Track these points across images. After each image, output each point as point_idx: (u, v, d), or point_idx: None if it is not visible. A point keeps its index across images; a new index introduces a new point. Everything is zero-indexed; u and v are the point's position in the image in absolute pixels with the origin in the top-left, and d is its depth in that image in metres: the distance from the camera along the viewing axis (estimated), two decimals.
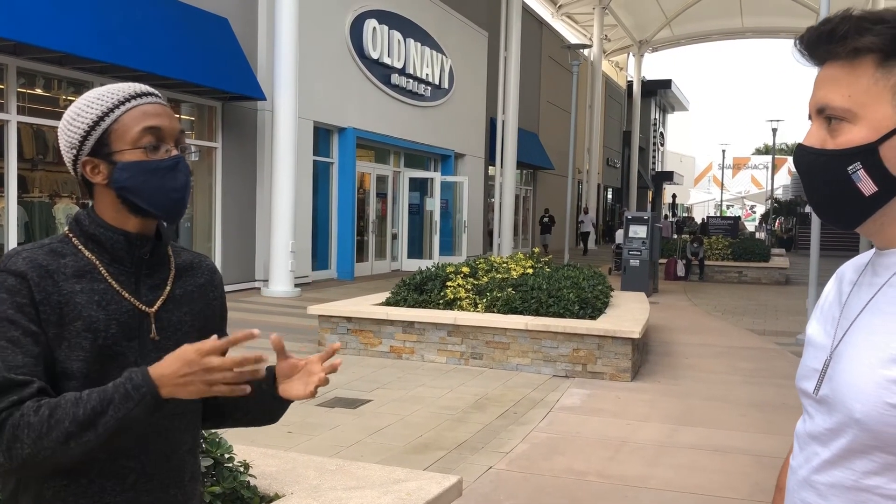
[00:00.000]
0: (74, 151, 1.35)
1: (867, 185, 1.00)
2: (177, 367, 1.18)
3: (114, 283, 1.34)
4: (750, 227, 47.93)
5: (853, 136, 1.00)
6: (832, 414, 1.03)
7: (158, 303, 1.38)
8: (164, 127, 1.35)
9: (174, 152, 1.36)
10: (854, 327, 1.04)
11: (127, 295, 1.34)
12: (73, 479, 1.30)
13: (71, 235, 1.36)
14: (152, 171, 1.33)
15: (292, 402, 1.42)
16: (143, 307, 1.36)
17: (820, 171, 1.03)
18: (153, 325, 1.36)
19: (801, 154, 1.05)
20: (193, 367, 1.17)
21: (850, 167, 1.00)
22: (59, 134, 1.38)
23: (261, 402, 1.43)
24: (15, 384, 1.20)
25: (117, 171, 1.32)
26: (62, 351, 1.28)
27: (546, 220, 27.13)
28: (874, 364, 0.97)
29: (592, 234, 30.11)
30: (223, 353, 1.20)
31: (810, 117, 1.06)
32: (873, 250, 1.09)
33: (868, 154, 0.99)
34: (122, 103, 1.34)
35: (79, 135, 1.34)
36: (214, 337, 1.21)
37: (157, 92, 1.40)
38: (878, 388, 0.96)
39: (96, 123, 1.33)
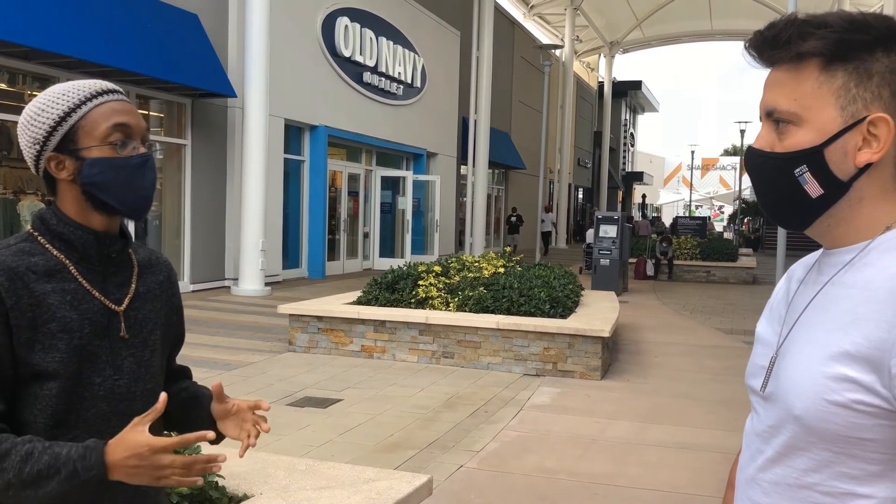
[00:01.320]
0: (38, 147, 1.33)
1: (813, 188, 1.01)
2: (126, 457, 1.19)
3: (84, 282, 1.33)
4: (718, 227, 48.48)
5: (799, 139, 1.01)
6: (775, 411, 1.05)
7: (126, 301, 1.38)
8: (133, 124, 1.35)
9: (142, 150, 1.36)
10: (798, 325, 1.05)
11: (97, 294, 1.34)
12: None
13: (36, 234, 1.34)
14: (121, 167, 1.32)
15: None
16: (113, 306, 1.36)
17: (768, 174, 1.05)
18: (122, 324, 1.36)
19: (751, 156, 1.07)
20: (143, 461, 1.19)
21: (797, 170, 1.01)
22: (19, 130, 1.35)
23: (205, 426, 1.51)
24: None
25: (86, 166, 1.31)
26: (36, 353, 1.26)
27: (514, 219, 25.86)
28: (814, 361, 0.99)
29: (555, 234, 29.13)
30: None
31: (761, 119, 1.07)
32: (822, 250, 1.10)
33: (813, 157, 1.00)
34: (90, 99, 1.33)
35: (44, 130, 1.32)
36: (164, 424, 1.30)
37: (121, 90, 1.40)
38: (816, 386, 0.97)
39: (63, 119, 1.31)
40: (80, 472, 1.18)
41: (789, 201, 1.04)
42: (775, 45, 1.02)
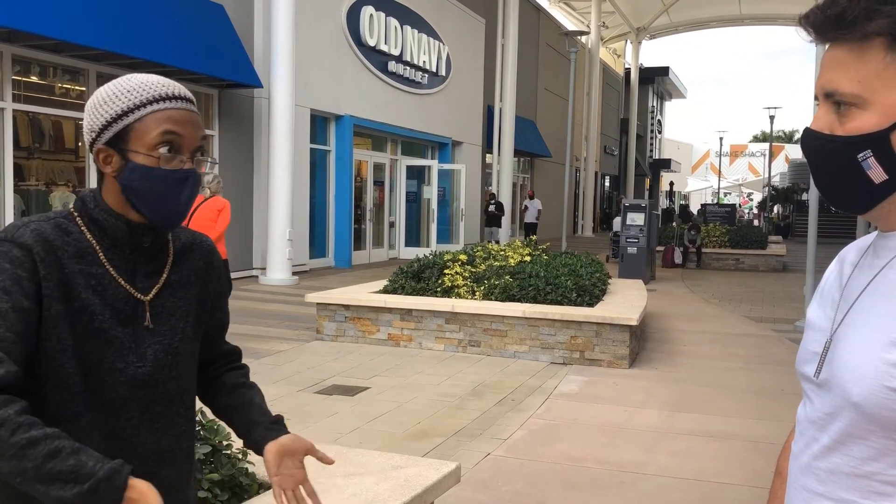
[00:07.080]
0: (93, 135, 1.35)
1: (877, 173, 0.96)
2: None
3: (111, 268, 1.34)
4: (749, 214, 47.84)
5: (863, 122, 0.96)
6: (831, 398, 1.01)
7: (153, 291, 1.39)
8: (185, 136, 1.33)
9: (188, 165, 1.34)
10: (854, 310, 1.01)
11: (122, 282, 1.35)
12: None
13: (76, 215, 1.36)
14: (159, 179, 1.32)
15: None
16: (138, 295, 1.36)
17: (828, 158, 1.00)
18: (147, 313, 1.37)
19: (809, 139, 1.02)
20: None
21: (860, 155, 0.96)
22: (85, 111, 1.37)
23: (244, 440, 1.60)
24: None
25: (128, 170, 1.32)
26: (64, 328, 1.27)
27: (492, 208, 20.12)
28: (873, 347, 0.95)
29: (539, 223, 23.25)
30: None
31: (817, 99, 1.02)
32: (876, 232, 1.06)
33: (879, 141, 0.95)
34: (150, 103, 1.32)
35: (101, 122, 1.33)
36: None
37: (190, 96, 1.38)
38: (876, 372, 0.94)
39: (120, 117, 1.32)
40: (101, 492, 1.13)
41: (849, 186, 0.99)
42: (840, 24, 0.96)
